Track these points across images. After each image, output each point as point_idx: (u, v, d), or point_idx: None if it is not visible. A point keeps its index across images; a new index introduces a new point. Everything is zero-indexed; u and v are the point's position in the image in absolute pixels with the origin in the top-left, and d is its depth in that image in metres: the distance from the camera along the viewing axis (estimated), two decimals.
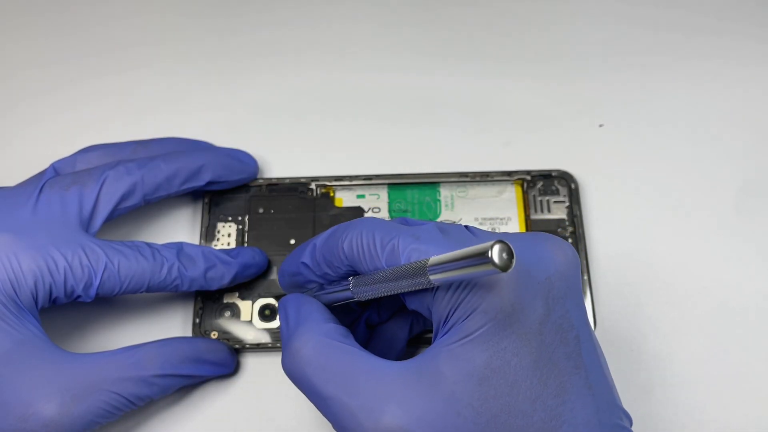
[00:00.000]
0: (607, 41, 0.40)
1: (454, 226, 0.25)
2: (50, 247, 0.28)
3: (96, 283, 0.28)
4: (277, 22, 0.41)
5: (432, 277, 0.21)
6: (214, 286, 0.31)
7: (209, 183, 0.33)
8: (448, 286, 0.22)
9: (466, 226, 0.25)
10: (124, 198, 0.31)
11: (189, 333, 0.32)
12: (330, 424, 0.23)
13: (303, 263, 0.27)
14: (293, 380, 0.24)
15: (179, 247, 0.31)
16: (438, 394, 0.22)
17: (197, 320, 0.32)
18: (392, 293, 0.23)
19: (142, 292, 0.30)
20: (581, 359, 0.23)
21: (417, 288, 0.22)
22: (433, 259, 0.21)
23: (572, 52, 0.40)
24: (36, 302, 0.28)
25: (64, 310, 0.32)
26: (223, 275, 0.31)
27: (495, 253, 0.19)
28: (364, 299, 0.25)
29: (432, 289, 0.23)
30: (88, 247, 0.28)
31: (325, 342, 0.24)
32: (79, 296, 0.29)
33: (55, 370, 0.26)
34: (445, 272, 0.20)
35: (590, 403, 0.22)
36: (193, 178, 0.33)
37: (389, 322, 0.30)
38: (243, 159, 0.35)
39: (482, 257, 0.19)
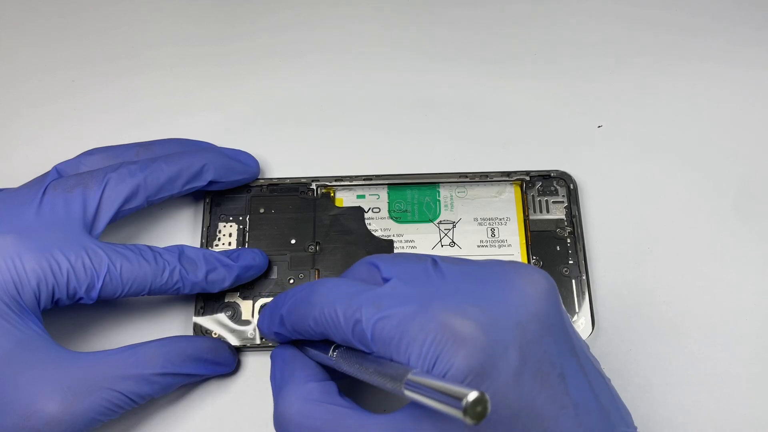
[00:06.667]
0: (606, 42, 0.40)
1: (421, 266, 0.24)
2: (53, 249, 0.28)
3: (98, 285, 0.28)
4: (277, 24, 0.42)
5: (405, 392, 0.21)
6: (215, 289, 0.31)
7: (211, 183, 0.33)
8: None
9: (434, 260, 0.25)
10: (127, 200, 0.31)
11: (190, 332, 0.32)
12: None
13: (277, 333, 0.28)
14: None
15: (180, 250, 0.31)
16: None
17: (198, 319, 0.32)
18: (369, 382, 0.23)
19: (143, 295, 0.30)
20: (568, 397, 0.22)
21: (390, 389, 0.22)
22: (413, 377, 0.21)
23: (571, 52, 0.40)
24: (38, 303, 0.28)
25: (65, 309, 0.32)
26: (224, 278, 0.31)
27: (469, 405, 0.18)
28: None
29: None
30: (90, 250, 0.28)
31: (307, 404, 0.24)
32: (81, 298, 0.29)
33: (57, 368, 0.27)
34: (418, 395, 0.20)
35: None
36: (195, 179, 0.33)
37: None
38: (244, 159, 0.35)
39: (456, 402, 0.19)
